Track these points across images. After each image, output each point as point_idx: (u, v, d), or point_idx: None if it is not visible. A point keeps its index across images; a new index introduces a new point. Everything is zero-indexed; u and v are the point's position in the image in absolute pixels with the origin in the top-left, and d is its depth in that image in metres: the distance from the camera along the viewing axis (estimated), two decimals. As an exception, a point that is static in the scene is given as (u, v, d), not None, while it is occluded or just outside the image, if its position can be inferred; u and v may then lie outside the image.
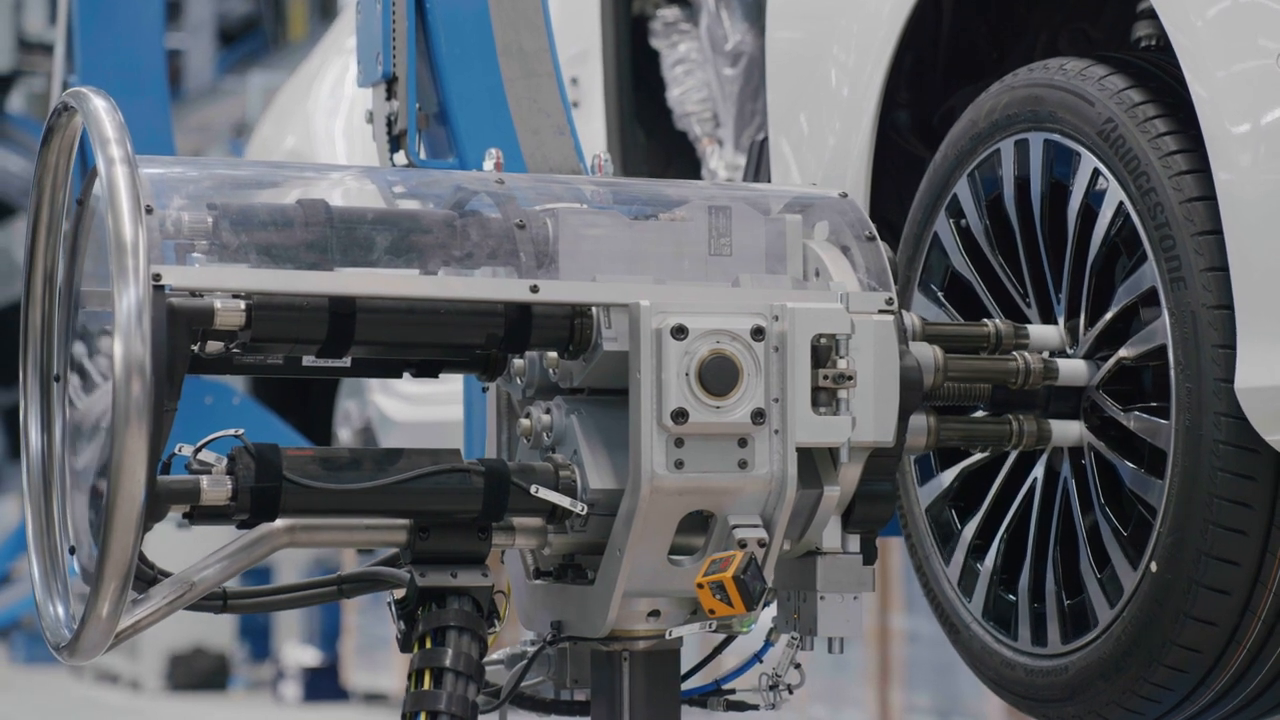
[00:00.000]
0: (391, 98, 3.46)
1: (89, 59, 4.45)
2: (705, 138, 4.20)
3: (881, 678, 10.87)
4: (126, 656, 14.64)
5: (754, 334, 2.85)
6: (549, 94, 3.48)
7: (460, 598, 2.86)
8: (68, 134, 2.90)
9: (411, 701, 2.81)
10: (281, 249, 2.81)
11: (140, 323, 2.61)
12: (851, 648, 11.65)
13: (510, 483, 2.85)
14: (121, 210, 2.65)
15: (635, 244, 2.96)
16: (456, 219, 2.91)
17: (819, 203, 3.07)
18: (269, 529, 2.84)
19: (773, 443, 2.85)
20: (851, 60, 3.51)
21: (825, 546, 2.96)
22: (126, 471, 2.61)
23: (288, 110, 5.74)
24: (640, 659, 2.97)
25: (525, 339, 2.88)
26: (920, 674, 10.45)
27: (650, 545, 2.86)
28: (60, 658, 2.84)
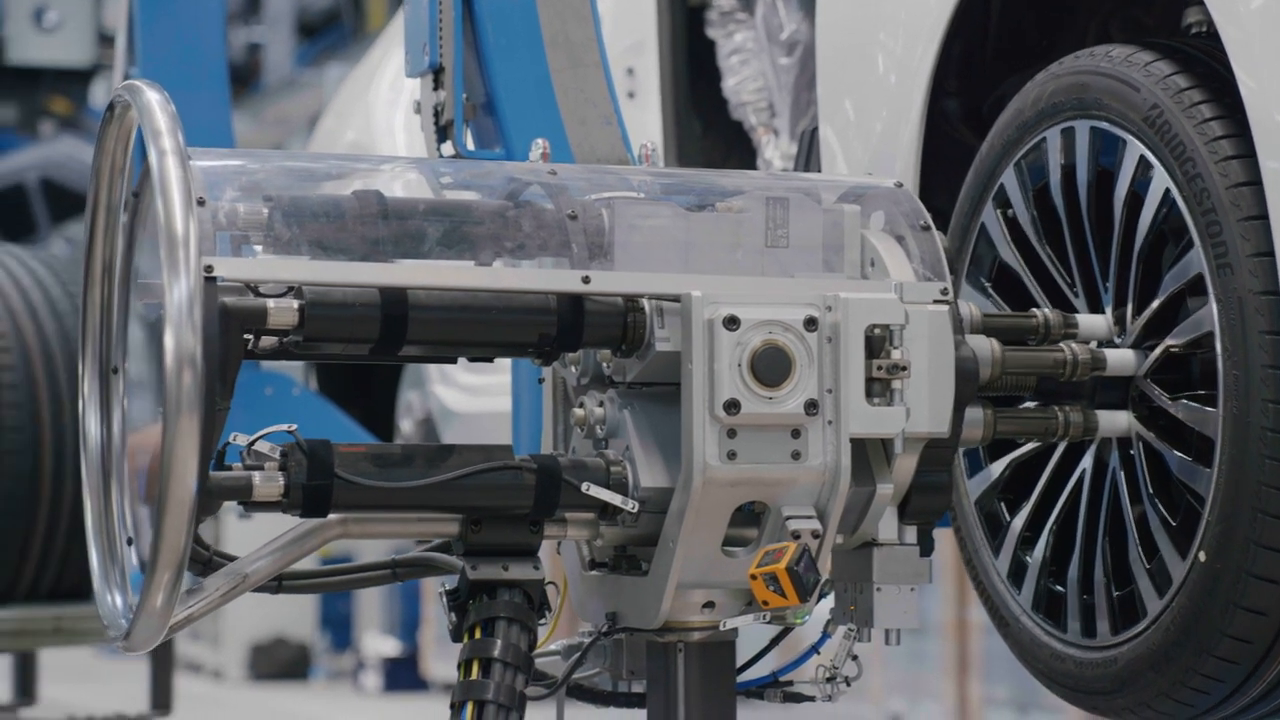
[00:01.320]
0: (439, 88, 3.46)
1: (150, 52, 4.47)
2: (761, 127, 4.19)
3: (959, 670, 10.83)
4: (210, 646, 14.75)
5: (807, 324, 2.84)
6: (596, 84, 3.48)
7: (511, 590, 2.86)
8: (124, 126, 2.92)
9: (459, 691, 2.82)
10: (335, 241, 2.82)
11: (191, 314, 2.62)
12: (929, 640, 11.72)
13: (561, 480, 2.85)
14: (173, 202, 2.66)
15: (690, 235, 2.95)
16: (509, 210, 2.91)
17: (874, 192, 3.06)
18: (322, 521, 2.84)
19: (826, 433, 2.84)
20: (900, 48, 3.49)
21: (881, 538, 2.95)
22: (178, 464, 2.62)
23: (349, 103, 5.76)
24: (695, 650, 2.96)
25: (578, 337, 2.87)
26: (998, 666, 10.39)
27: (703, 537, 2.85)
28: (118, 648, 2.86)
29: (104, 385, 3.00)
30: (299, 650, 14.39)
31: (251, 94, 15.29)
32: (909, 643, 11.68)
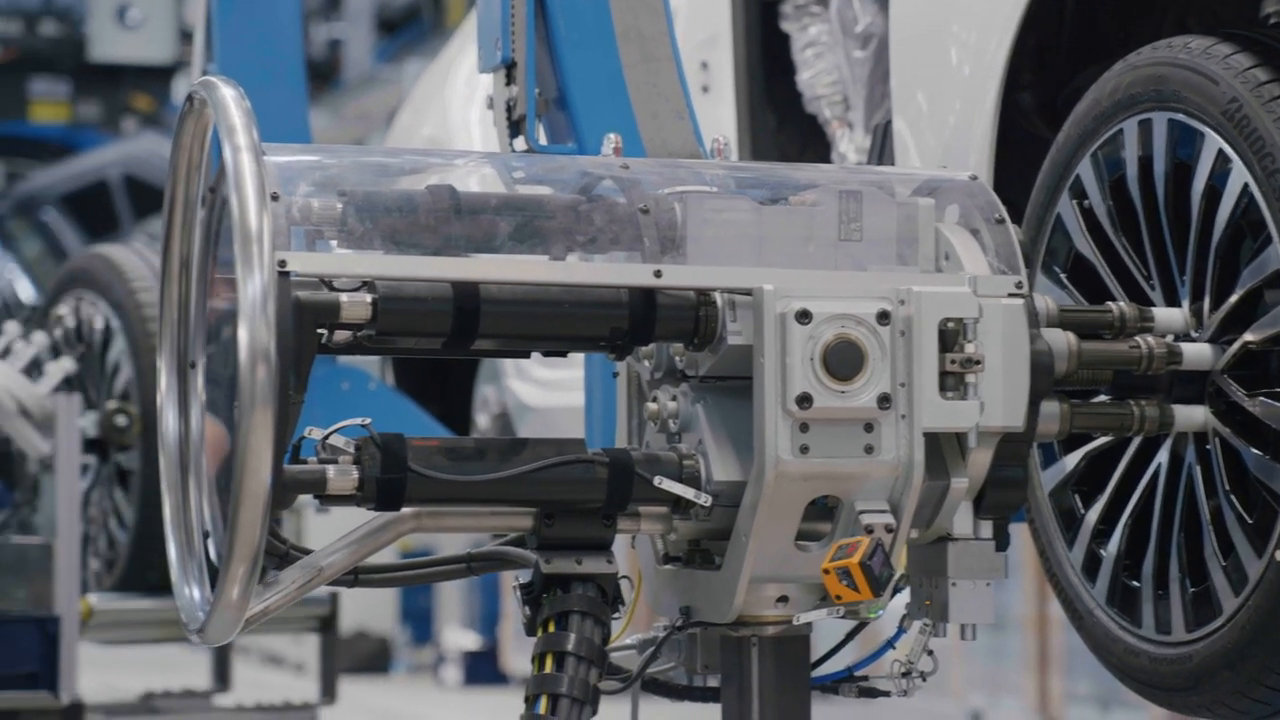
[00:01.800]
0: (511, 83, 3.47)
1: (227, 49, 4.50)
2: (835, 121, 4.18)
3: (1040, 665, 10.78)
4: (292, 640, 14.83)
5: (879, 318, 2.83)
6: (668, 78, 3.47)
7: (584, 584, 2.86)
8: (200, 122, 2.93)
9: (533, 684, 2.82)
10: (408, 235, 2.83)
11: (265, 309, 2.63)
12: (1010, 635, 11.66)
13: (634, 474, 2.85)
14: (247, 197, 2.67)
15: (762, 229, 2.94)
16: (581, 204, 2.91)
17: (949, 186, 3.05)
18: (396, 515, 2.85)
19: (899, 427, 2.83)
20: (973, 39, 3.48)
21: (956, 532, 2.94)
22: (252, 458, 2.64)
23: (425, 98, 5.77)
24: (769, 645, 2.96)
25: (650, 331, 2.87)
26: (1080, 661, 10.33)
27: (776, 531, 2.85)
28: (194, 640, 2.88)
29: (181, 380, 3.02)
30: (380, 644, 14.45)
31: (332, 90, 15.37)
32: (989, 638, 11.63)
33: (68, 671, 4.51)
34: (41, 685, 4.48)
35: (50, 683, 4.48)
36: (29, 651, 4.51)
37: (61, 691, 4.48)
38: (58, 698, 4.45)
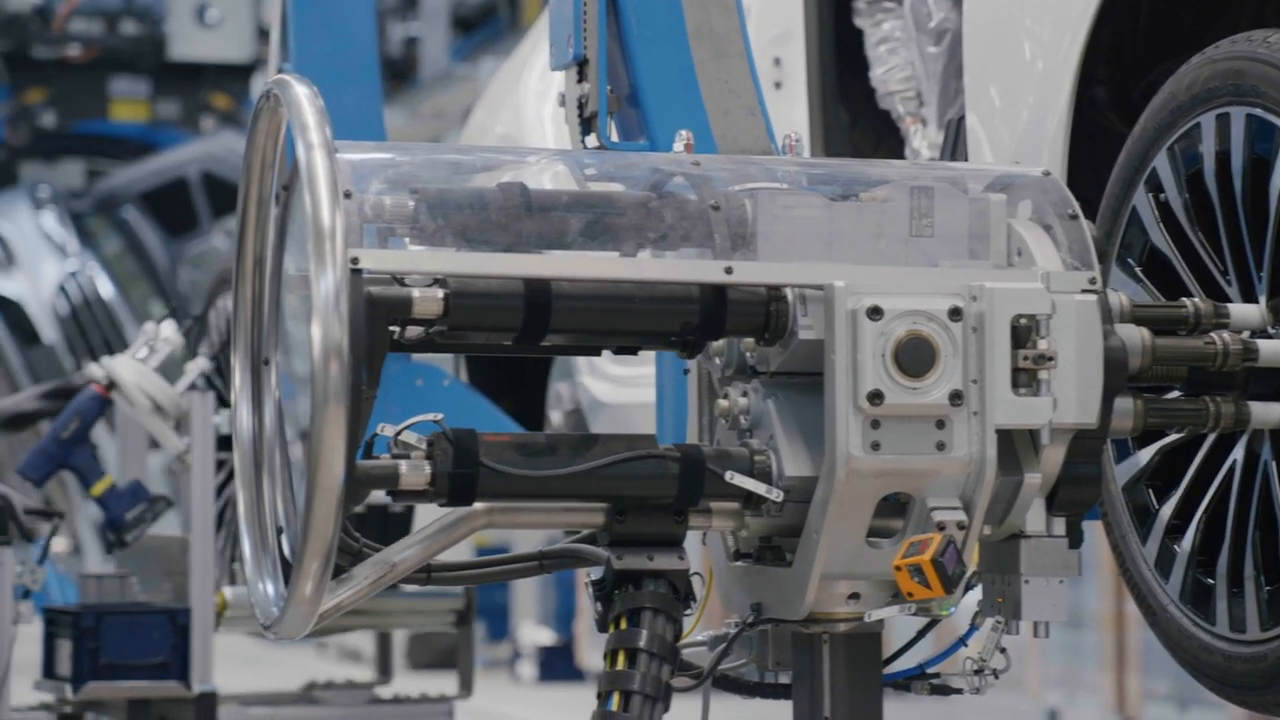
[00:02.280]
0: (583, 80, 3.47)
1: (302, 48, 4.52)
2: (908, 117, 4.17)
3: (1118, 664, 10.72)
4: (369, 635, 14.88)
5: (951, 314, 2.82)
6: (740, 75, 3.47)
7: (656, 580, 2.86)
8: (274, 121, 2.95)
9: (606, 681, 2.83)
10: (479, 232, 2.84)
11: (337, 306, 2.65)
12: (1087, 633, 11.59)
13: (705, 469, 2.85)
14: (319, 195, 2.69)
15: (833, 225, 2.94)
16: (652, 201, 2.91)
17: (1021, 181, 3.03)
18: (468, 511, 2.86)
19: (971, 424, 2.82)
20: (1047, 34, 3.46)
21: (1029, 529, 2.93)
22: (326, 454, 2.65)
23: (499, 96, 5.79)
24: (841, 642, 2.95)
25: (720, 326, 2.87)
26: (1158, 660, 10.27)
27: (847, 528, 2.84)
28: (269, 635, 2.89)
29: (255, 377, 3.04)
30: (453, 640, 14.49)
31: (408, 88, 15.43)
32: (1066, 636, 11.58)
33: (200, 662, 4.57)
34: (172, 675, 4.53)
35: (181, 673, 4.54)
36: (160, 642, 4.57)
37: (192, 681, 4.53)
38: (188, 688, 4.50)
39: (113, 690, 4.55)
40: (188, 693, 4.54)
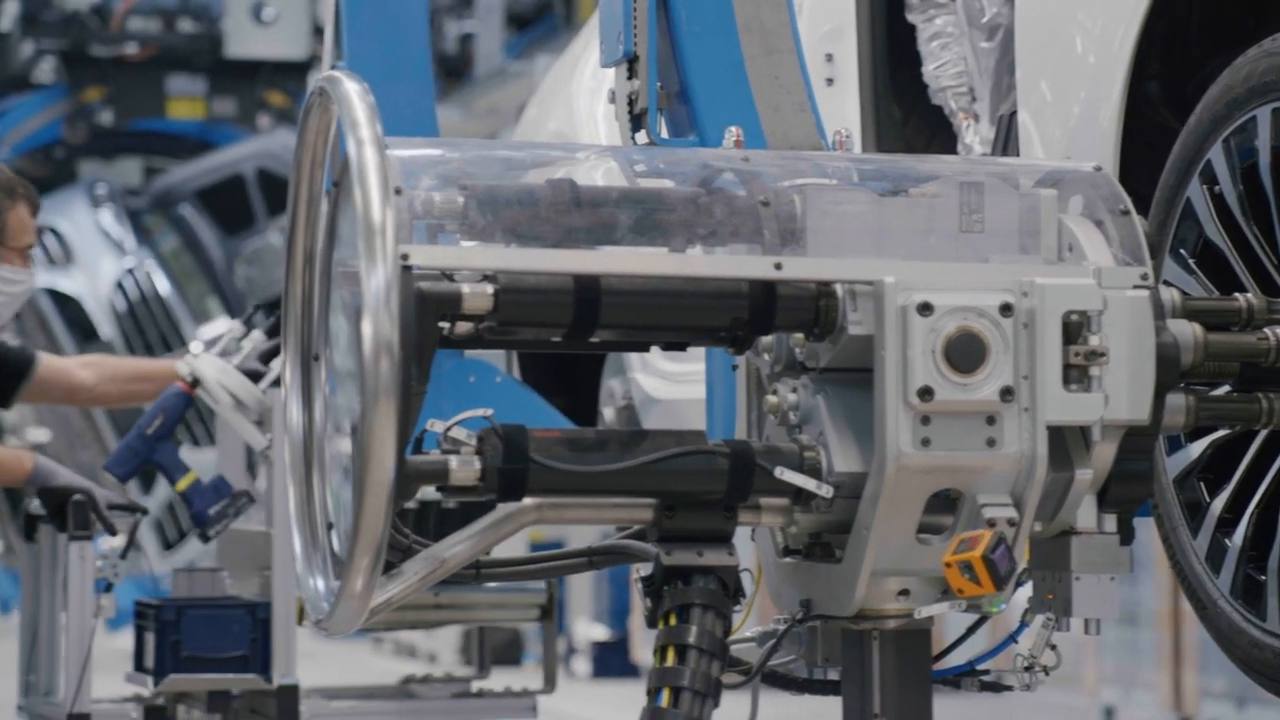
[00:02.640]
0: (633, 77, 3.47)
1: (355, 45, 4.53)
2: (961, 112, 4.16)
3: (1174, 661, 10.67)
4: (423, 631, 14.92)
5: (1002, 310, 2.81)
6: (790, 70, 3.46)
7: (705, 576, 2.86)
8: (324, 117, 2.96)
9: (655, 677, 2.83)
10: (529, 228, 2.84)
11: (388, 302, 2.65)
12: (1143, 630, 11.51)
13: (755, 465, 2.85)
14: (370, 191, 2.69)
15: (883, 221, 2.93)
16: (701, 197, 2.91)
17: (1072, 176, 3.02)
18: (518, 506, 2.87)
19: (1022, 420, 2.82)
20: (1099, 28, 3.44)
21: (1080, 526, 2.92)
22: (376, 449, 2.66)
23: (552, 93, 5.79)
24: (890, 638, 2.95)
25: (770, 321, 2.87)
26: (1214, 656, 10.22)
27: (897, 524, 2.84)
28: (320, 631, 2.90)
29: (305, 373, 3.04)
30: (511, 635, 14.52)
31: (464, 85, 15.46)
32: (1123, 633, 11.53)
33: (282, 656, 4.60)
34: (252, 668, 4.57)
35: (261, 666, 4.57)
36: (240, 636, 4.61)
37: (274, 674, 4.56)
38: (268, 681, 4.54)
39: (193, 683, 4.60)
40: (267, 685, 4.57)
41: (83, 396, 5.12)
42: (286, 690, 4.55)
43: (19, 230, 4.64)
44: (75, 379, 5.01)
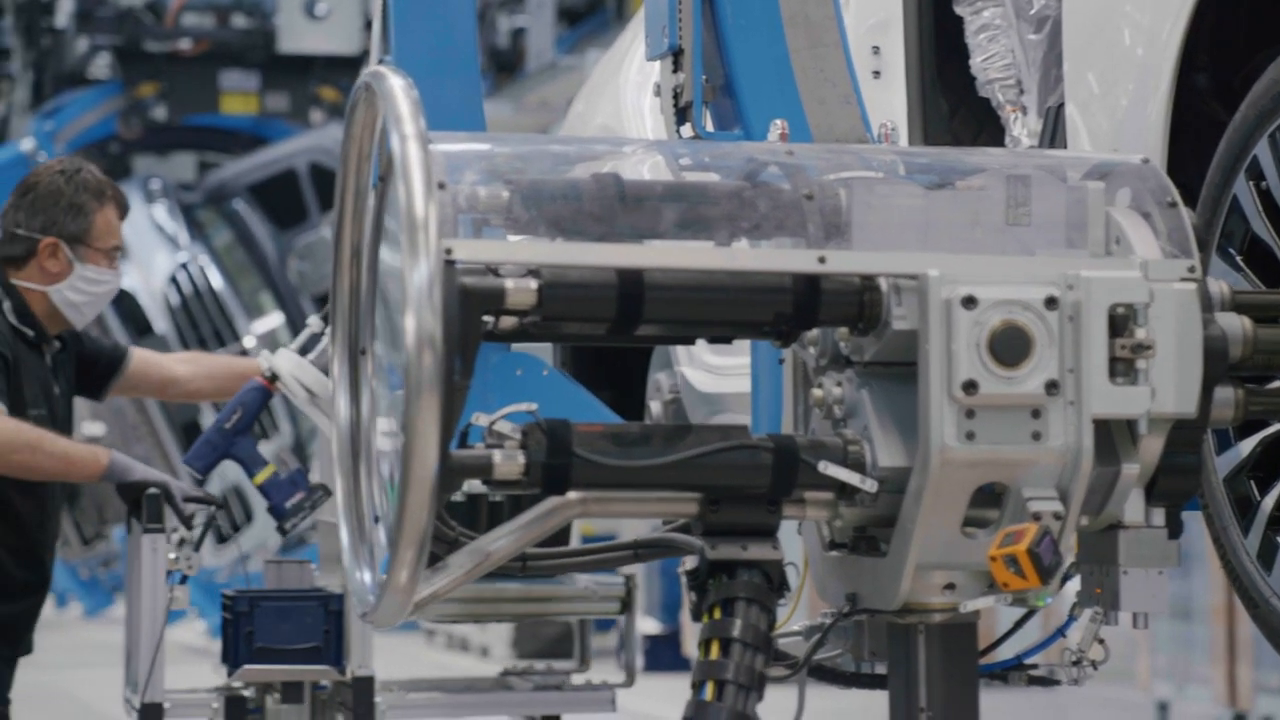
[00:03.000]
0: (678, 70, 3.47)
1: (403, 40, 4.54)
2: (1008, 105, 4.13)
3: (1228, 655, 10.62)
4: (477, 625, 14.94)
5: (1047, 303, 2.80)
6: (835, 63, 3.46)
7: (750, 570, 2.86)
8: (370, 112, 2.96)
9: (699, 671, 2.83)
10: (573, 222, 2.84)
11: (431, 296, 2.66)
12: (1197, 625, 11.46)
13: (799, 459, 2.84)
14: (414, 186, 2.70)
15: (928, 214, 2.92)
16: (745, 191, 2.91)
17: (1120, 169, 3.01)
18: (562, 500, 2.87)
19: (1067, 414, 2.81)
20: (1147, 20, 3.42)
21: (1128, 520, 2.91)
22: (419, 443, 2.66)
23: (599, 87, 5.79)
24: (936, 632, 2.94)
25: (814, 315, 2.86)
26: (1269, 651, 10.17)
27: (942, 518, 2.83)
28: (366, 622, 2.91)
29: (353, 367, 3.05)
30: (563, 628, 14.53)
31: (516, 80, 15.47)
32: (1177, 628, 11.47)
33: (359, 647, 4.63)
34: (325, 660, 4.61)
35: (335, 658, 4.61)
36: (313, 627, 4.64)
37: (349, 666, 4.60)
38: (341, 672, 4.57)
39: (266, 673, 4.64)
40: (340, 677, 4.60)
41: (175, 390, 5.18)
42: (362, 682, 4.58)
43: (106, 232, 4.68)
44: (170, 372, 5.07)
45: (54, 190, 4.64)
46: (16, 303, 4.61)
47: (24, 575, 4.56)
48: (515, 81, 15.62)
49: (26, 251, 4.64)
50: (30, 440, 4.44)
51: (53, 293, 4.63)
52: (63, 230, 4.63)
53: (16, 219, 4.66)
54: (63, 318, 4.68)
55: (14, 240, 4.65)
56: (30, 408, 4.55)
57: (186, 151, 14.99)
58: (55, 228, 4.63)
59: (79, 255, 4.63)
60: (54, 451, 4.47)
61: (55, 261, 4.63)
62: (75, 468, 4.56)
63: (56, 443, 4.49)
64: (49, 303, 4.64)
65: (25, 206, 4.66)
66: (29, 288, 4.63)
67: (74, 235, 4.63)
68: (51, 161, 4.77)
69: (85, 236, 4.65)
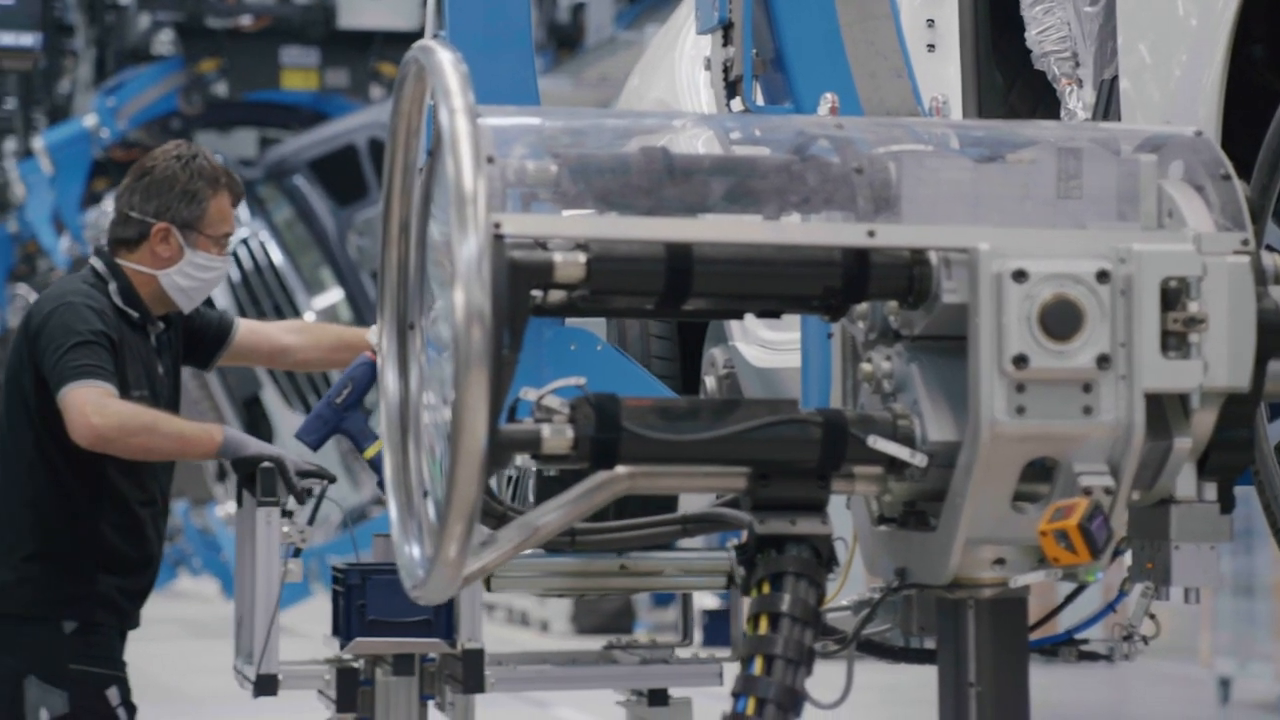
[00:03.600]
0: (728, 44, 3.45)
1: (456, 14, 4.54)
2: (1064, 78, 4.11)
3: (1291, 631, 10.55)
4: (537, 600, 14.99)
5: (1099, 277, 2.79)
6: (886, 36, 3.44)
7: (799, 545, 2.85)
8: (419, 87, 2.96)
9: (748, 645, 2.82)
10: (621, 197, 2.83)
11: (480, 271, 2.66)
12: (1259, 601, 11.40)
13: (848, 433, 2.83)
14: (463, 160, 2.69)
15: (978, 187, 2.91)
16: (794, 165, 2.89)
17: (1173, 141, 2.99)
18: (610, 475, 2.86)
19: (1119, 388, 2.79)
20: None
21: (1179, 494, 2.89)
22: (468, 418, 2.67)
23: (654, 61, 5.78)
24: (986, 607, 2.93)
25: (863, 289, 2.85)
26: (1332, 628, 10.12)
27: (992, 492, 2.82)
28: (414, 597, 2.92)
29: (401, 342, 3.05)
30: (623, 604, 14.56)
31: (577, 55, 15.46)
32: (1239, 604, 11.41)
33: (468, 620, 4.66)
34: (436, 633, 4.64)
35: (446, 631, 4.64)
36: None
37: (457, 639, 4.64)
38: (453, 645, 4.62)
39: (377, 646, 4.68)
40: (451, 650, 4.64)
41: (286, 360, 5.22)
42: (472, 654, 4.61)
43: (218, 219, 4.70)
44: (280, 342, 5.10)
45: (170, 175, 4.66)
46: (122, 284, 4.64)
47: (130, 551, 4.60)
48: (575, 57, 15.60)
49: (139, 234, 4.66)
50: (147, 422, 4.47)
51: (162, 277, 4.66)
52: (176, 216, 4.65)
53: (131, 201, 4.68)
54: (169, 301, 4.70)
55: (127, 222, 4.68)
56: (133, 389, 4.58)
57: (247, 127, 15.04)
58: (169, 213, 4.65)
59: (190, 241, 4.66)
60: (170, 432, 4.50)
61: (166, 246, 4.65)
62: (191, 446, 4.59)
63: (171, 423, 4.52)
64: (157, 286, 4.67)
65: (140, 190, 4.68)
66: (138, 270, 4.65)
67: (187, 221, 4.65)
68: (168, 145, 4.78)
69: (198, 223, 4.67)
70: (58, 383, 4.47)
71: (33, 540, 4.54)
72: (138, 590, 4.66)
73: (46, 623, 4.51)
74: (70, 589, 4.52)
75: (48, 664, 4.49)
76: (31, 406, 4.55)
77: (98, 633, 4.54)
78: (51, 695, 4.47)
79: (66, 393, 4.45)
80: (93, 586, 4.53)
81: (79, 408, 4.43)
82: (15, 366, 4.61)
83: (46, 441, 4.54)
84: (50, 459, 4.54)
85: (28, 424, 4.55)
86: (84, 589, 4.53)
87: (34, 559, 4.53)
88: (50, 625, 4.51)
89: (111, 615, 4.57)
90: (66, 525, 4.54)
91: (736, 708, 2.81)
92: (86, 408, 4.43)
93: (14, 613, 4.52)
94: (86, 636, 4.52)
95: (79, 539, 4.54)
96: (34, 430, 4.55)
